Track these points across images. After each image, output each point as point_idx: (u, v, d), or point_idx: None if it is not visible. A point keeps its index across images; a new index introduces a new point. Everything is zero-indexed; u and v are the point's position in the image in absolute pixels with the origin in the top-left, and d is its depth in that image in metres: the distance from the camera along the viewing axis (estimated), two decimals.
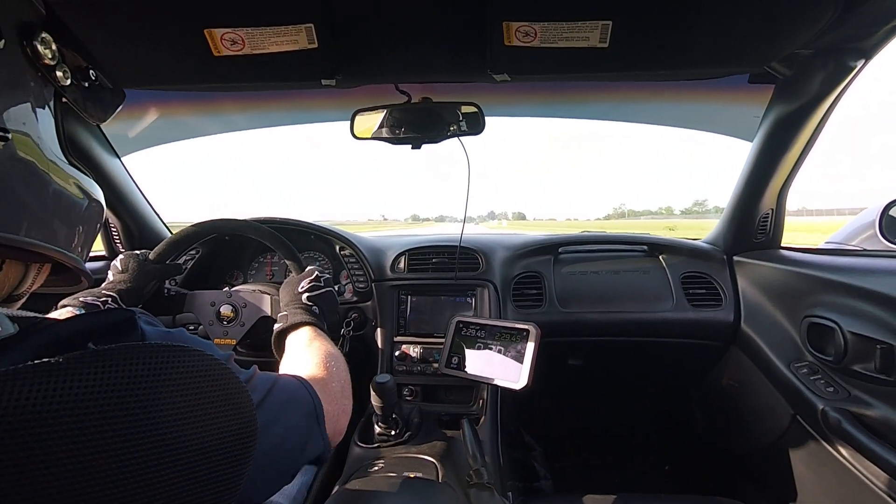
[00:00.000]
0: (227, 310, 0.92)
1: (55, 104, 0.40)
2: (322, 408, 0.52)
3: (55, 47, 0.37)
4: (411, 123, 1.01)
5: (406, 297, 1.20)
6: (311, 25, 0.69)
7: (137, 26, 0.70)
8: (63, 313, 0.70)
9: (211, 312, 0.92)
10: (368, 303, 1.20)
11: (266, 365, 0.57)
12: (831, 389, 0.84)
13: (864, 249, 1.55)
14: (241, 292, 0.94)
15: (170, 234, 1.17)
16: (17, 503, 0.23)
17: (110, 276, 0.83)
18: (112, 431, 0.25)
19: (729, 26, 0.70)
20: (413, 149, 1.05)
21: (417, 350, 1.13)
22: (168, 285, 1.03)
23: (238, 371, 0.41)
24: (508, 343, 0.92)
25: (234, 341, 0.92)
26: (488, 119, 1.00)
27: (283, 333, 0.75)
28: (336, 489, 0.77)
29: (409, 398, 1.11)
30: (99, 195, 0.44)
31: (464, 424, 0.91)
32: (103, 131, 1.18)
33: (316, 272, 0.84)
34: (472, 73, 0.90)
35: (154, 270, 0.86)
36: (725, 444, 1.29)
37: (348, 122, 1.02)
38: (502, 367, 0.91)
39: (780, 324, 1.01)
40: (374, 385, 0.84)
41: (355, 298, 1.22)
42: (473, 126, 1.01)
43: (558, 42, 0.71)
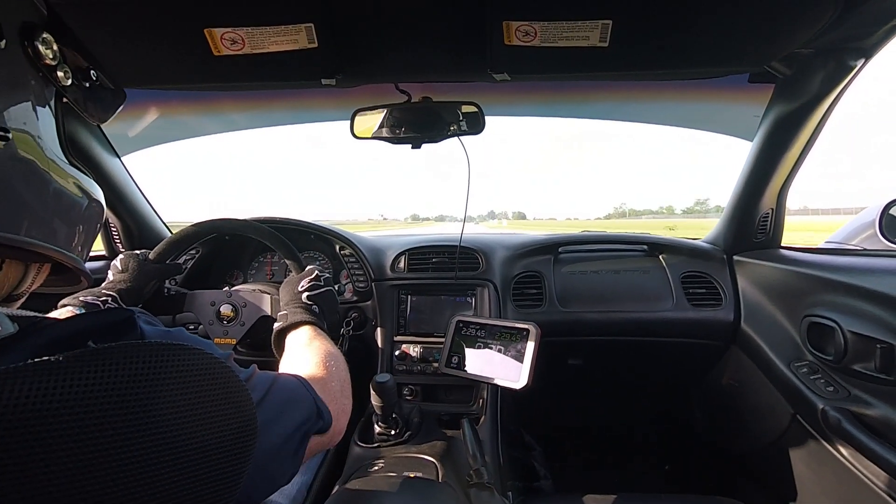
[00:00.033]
0: (227, 309, 0.92)
1: (56, 104, 0.40)
2: (322, 407, 0.52)
3: (56, 47, 0.37)
4: (411, 123, 1.01)
5: (406, 297, 1.20)
6: (311, 25, 0.69)
7: (138, 26, 0.70)
8: (63, 313, 0.70)
9: (211, 312, 0.92)
10: (368, 302, 1.20)
11: (266, 364, 0.57)
12: (831, 389, 0.84)
13: (864, 249, 1.55)
14: (241, 292, 0.94)
15: (170, 234, 1.17)
16: (18, 502, 0.23)
17: (110, 276, 0.83)
18: (112, 430, 0.26)
19: (729, 26, 0.70)
20: (413, 148, 1.05)
21: (417, 350, 1.13)
22: (168, 285, 1.03)
23: (238, 370, 0.41)
24: (508, 343, 0.92)
25: (234, 341, 0.92)
26: (488, 119, 1.00)
27: (282, 332, 0.75)
28: (336, 489, 0.77)
29: (409, 398, 1.11)
30: (99, 195, 0.44)
31: (464, 424, 0.91)
32: (103, 131, 1.19)
33: (316, 271, 0.84)
34: (472, 73, 0.91)
35: (154, 270, 0.86)
36: (725, 443, 1.29)
37: (348, 122, 1.02)
38: (502, 367, 0.91)
39: (780, 323, 1.01)
40: (374, 385, 0.84)
41: (355, 298, 1.22)
42: (473, 125, 1.01)
43: (558, 41, 0.71)
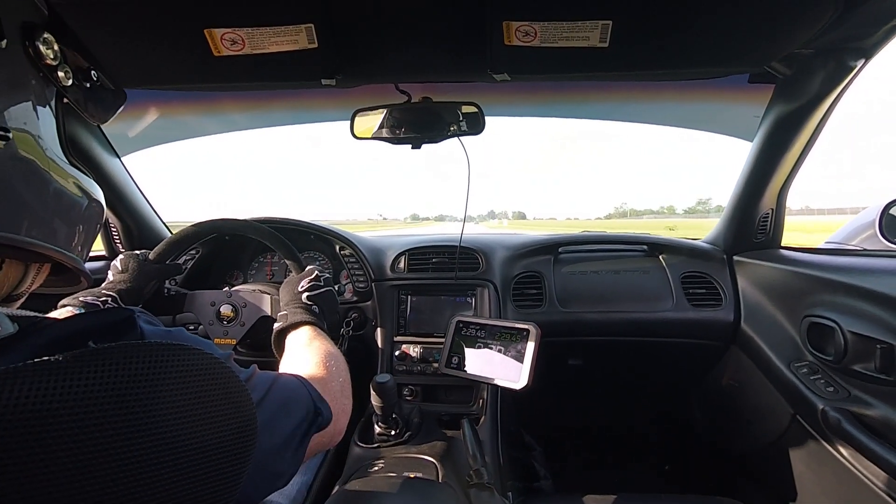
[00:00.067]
0: (227, 309, 0.92)
1: (56, 104, 0.40)
2: (323, 406, 0.52)
3: (57, 47, 0.37)
4: (411, 123, 1.01)
5: (406, 297, 1.20)
6: (311, 25, 0.69)
7: (138, 27, 0.70)
8: (63, 313, 0.70)
9: (211, 312, 0.92)
10: (368, 302, 1.20)
11: (266, 364, 0.57)
12: (831, 389, 0.84)
13: (864, 249, 1.55)
14: (241, 292, 0.94)
15: (170, 234, 1.17)
16: (18, 502, 0.23)
17: (110, 276, 0.83)
18: (112, 430, 0.25)
19: (729, 26, 0.70)
20: (413, 149, 1.05)
21: (417, 350, 1.13)
22: (168, 285, 1.03)
23: (238, 370, 0.41)
24: (508, 343, 0.92)
25: (234, 341, 0.92)
26: (488, 119, 1.00)
27: (282, 333, 0.75)
28: (336, 489, 0.77)
29: (409, 398, 1.11)
30: (99, 195, 0.44)
31: (464, 424, 0.91)
32: (103, 131, 1.19)
33: (316, 272, 0.84)
34: (472, 73, 0.91)
35: (154, 270, 0.86)
36: (725, 443, 1.29)
37: (348, 122, 1.02)
38: (502, 367, 0.90)
39: (780, 323, 1.01)
40: (375, 385, 0.84)
41: (355, 298, 1.22)
42: (473, 126, 1.01)
43: (558, 42, 0.71)
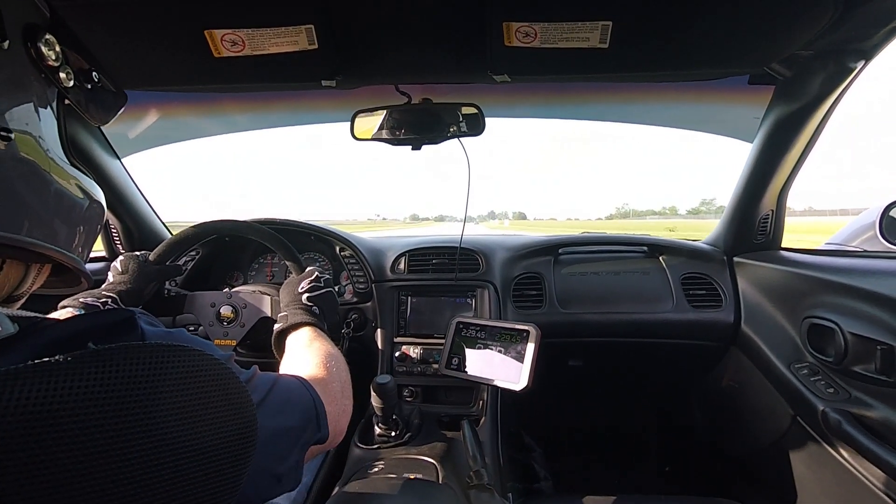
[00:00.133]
0: (227, 311, 0.92)
1: (58, 105, 0.40)
2: (323, 407, 0.52)
3: (59, 49, 0.38)
4: (411, 124, 1.01)
5: (406, 298, 1.20)
6: (312, 27, 0.69)
7: (139, 28, 0.70)
8: (63, 314, 0.70)
9: (211, 313, 0.92)
10: (368, 304, 1.20)
11: (266, 365, 0.57)
12: (831, 390, 0.84)
13: (865, 250, 1.55)
14: (242, 293, 0.94)
15: (170, 235, 1.17)
16: (18, 503, 0.23)
17: (110, 278, 0.83)
18: (112, 431, 0.25)
19: (729, 27, 0.71)
20: (413, 150, 1.05)
21: (417, 351, 1.13)
22: (168, 286, 1.03)
23: (238, 371, 0.41)
24: (508, 344, 0.92)
25: (234, 342, 0.92)
26: (488, 120, 1.00)
27: (283, 334, 0.75)
28: (336, 490, 0.76)
29: (409, 399, 1.11)
30: (100, 196, 0.44)
31: (464, 425, 0.91)
32: (104, 132, 1.19)
33: (316, 273, 0.84)
34: (472, 74, 0.91)
35: (154, 272, 0.86)
36: (725, 445, 1.29)
37: (349, 123, 1.02)
38: (502, 368, 0.90)
39: (780, 325, 1.01)
40: (375, 386, 0.84)
41: (355, 299, 1.21)
42: (473, 127, 1.01)
43: (558, 42, 0.71)
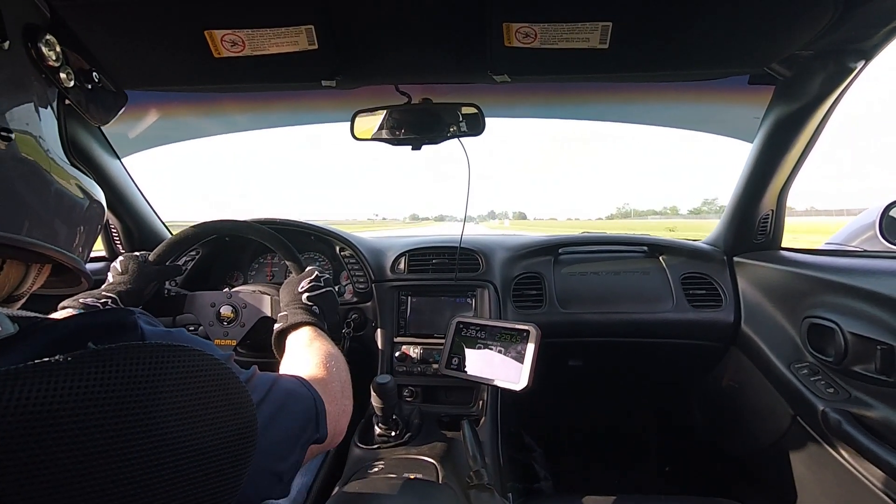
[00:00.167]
0: (227, 310, 0.92)
1: (58, 105, 0.40)
2: (323, 407, 0.52)
3: (59, 49, 0.38)
4: (411, 124, 1.01)
5: (406, 298, 1.20)
6: (312, 27, 0.69)
7: (139, 28, 0.70)
8: (63, 314, 0.70)
9: (211, 313, 0.92)
10: (368, 303, 1.20)
11: (266, 365, 0.57)
12: (831, 390, 0.84)
13: (865, 250, 1.55)
14: (242, 293, 0.94)
15: (170, 235, 1.17)
16: (18, 503, 0.23)
17: (110, 278, 0.83)
18: (112, 431, 0.25)
19: (729, 27, 0.71)
20: (413, 150, 1.06)
21: (417, 351, 1.13)
22: (168, 286, 1.03)
23: (238, 371, 0.41)
24: (509, 344, 0.92)
25: (234, 342, 0.92)
26: (488, 120, 1.00)
27: (283, 333, 0.75)
28: (336, 490, 0.76)
29: (409, 399, 1.11)
30: (100, 196, 0.44)
31: (464, 425, 0.91)
32: (104, 133, 1.19)
33: (316, 272, 0.84)
34: (472, 74, 0.91)
35: (154, 272, 0.86)
36: (725, 444, 1.29)
37: (349, 123, 1.02)
38: (502, 368, 0.90)
39: (780, 324, 1.01)
40: (375, 386, 0.84)
41: (355, 299, 1.21)
42: (473, 127, 1.01)
43: (558, 43, 0.71)
